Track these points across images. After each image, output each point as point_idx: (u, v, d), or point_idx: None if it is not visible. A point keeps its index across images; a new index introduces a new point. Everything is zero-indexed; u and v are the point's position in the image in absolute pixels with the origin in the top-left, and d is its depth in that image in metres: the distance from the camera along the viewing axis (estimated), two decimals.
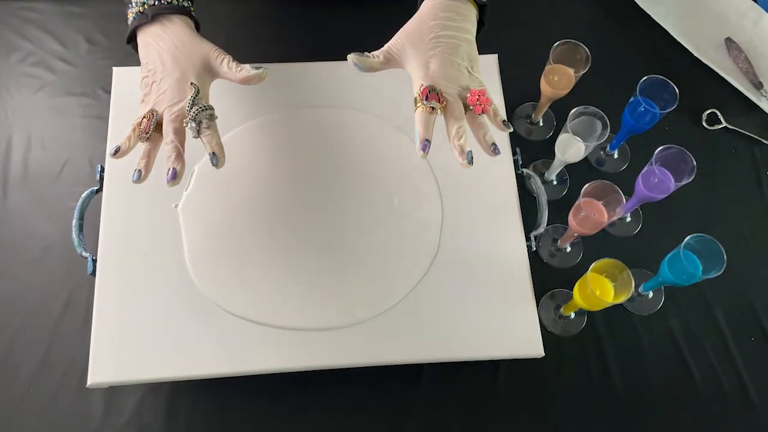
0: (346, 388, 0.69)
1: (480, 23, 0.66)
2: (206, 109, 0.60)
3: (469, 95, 0.60)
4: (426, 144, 0.58)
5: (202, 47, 0.64)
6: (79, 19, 0.88)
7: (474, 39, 0.64)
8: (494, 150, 0.60)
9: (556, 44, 0.72)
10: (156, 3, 0.64)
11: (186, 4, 0.66)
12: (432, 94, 0.59)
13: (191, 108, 0.59)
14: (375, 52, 0.63)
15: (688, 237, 0.62)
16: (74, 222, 0.67)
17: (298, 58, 0.79)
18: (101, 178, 0.70)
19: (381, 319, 0.66)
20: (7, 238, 0.75)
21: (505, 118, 0.62)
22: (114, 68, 0.76)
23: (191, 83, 0.61)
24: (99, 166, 0.71)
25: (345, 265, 0.69)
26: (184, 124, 0.60)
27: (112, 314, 0.65)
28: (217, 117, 0.61)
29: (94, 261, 0.66)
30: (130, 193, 0.70)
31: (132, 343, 0.64)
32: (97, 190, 0.70)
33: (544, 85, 0.75)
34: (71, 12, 0.89)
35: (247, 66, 0.62)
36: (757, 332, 0.75)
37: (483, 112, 0.60)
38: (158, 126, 0.60)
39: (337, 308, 0.66)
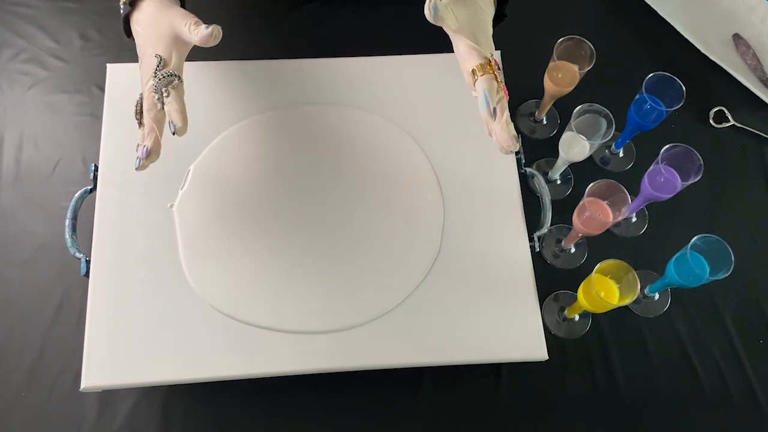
0: (345, 392, 0.69)
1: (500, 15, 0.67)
2: (166, 77, 0.60)
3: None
4: (495, 111, 0.58)
5: (170, 16, 0.63)
6: (73, 15, 0.88)
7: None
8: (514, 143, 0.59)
9: (559, 40, 0.72)
10: None
11: None
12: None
13: (154, 79, 0.60)
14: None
15: (694, 237, 0.62)
16: (67, 222, 0.67)
17: (295, 54, 0.79)
18: (95, 178, 0.70)
19: (381, 322, 0.66)
20: None
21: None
22: (108, 65, 0.76)
23: (155, 55, 0.61)
24: (93, 165, 0.71)
25: (344, 266, 0.68)
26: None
27: (106, 316, 0.65)
28: (180, 81, 0.60)
29: (88, 262, 0.66)
30: (124, 192, 0.70)
31: (126, 346, 0.64)
32: (90, 189, 0.70)
33: (547, 82, 0.75)
34: (65, 8, 0.89)
35: (203, 26, 0.61)
36: (766, 335, 0.75)
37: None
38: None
39: (336, 311, 0.66)
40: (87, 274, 0.66)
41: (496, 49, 0.78)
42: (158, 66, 0.60)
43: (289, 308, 0.66)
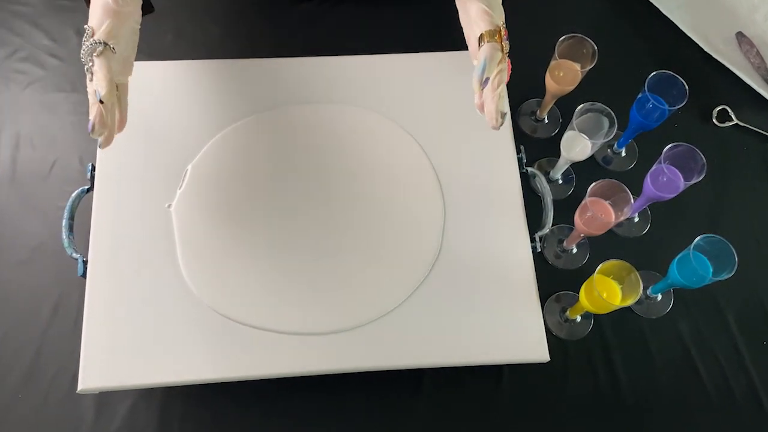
0: (345, 394, 0.69)
1: None
2: (90, 46, 0.57)
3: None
4: (486, 82, 0.58)
5: None
6: (69, 12, 0.88)
7: None
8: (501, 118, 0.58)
9: (561, 39, 0.72)
10: None
11: None
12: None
13: (81, 52, 0.58)
14: None
15: (698, 238, 0.62)
16: (64, 222, 0.67)
17: (294, 53, 0.79)
18: (92, 177, 0.70)
19: (381, 323, 0.66)
20: None
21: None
22: None
23: (85, 26, 0.60)
24: (90, 164, 0.71)
25: (343, 267, 0.68)
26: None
27: (103, 317, 0.65)
28: (107, 48, 0.58)
29: (85, 262, 0.66)
30: (121, 192, 0.70)
31: (124, 348, 0.64)
32: (87, 189, 0.70)
33: (549, 80, 0.75)
34: (61, 5, 0.89)
35: None
36: None
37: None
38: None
39: (334, 312, 0.66)
40: (84, 275, 0.66)
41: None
42: (84, 37, 0.59)
43: (288, 309, 0.66)
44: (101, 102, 0.56)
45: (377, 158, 0.74)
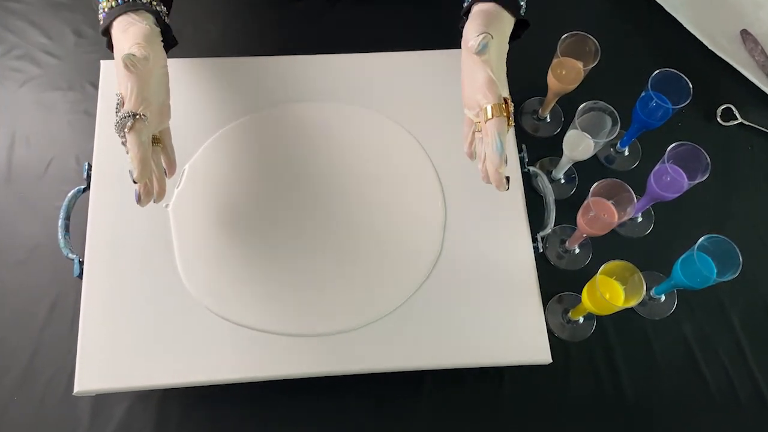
0: (345, 396, 0.69)
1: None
2: (122, 120, 0.57)
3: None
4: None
5: (120, 43, 0.61)
6: (66, 10, 0.88)
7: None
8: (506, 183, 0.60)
9: (563, 36, 0.72)
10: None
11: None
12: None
13: (115, 122, 0.58)
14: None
15: (702, 238, 0.62)
16: (60, 222, 0.67)
17: (293, 51, 0.79)
18: (88, 177, 0.70)
19: (381, 324, 0.66)
20: None
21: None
22: (102, 62, 0.76)
23: (116, 93, 0.59)
24: (86, 164, 0.71)
25: (343, 267, 0.68)
26: None
27: (100, 318, 0.65)
28: (138, 119, 0.57)
29: (81, 263, 0.66)
30: (118, 192, 0.70)
31: (120, 349, 0.64)
32: (84, 188, 0.70)
33: (551, 79, 0.75)
34: (57, 3, 0.89)
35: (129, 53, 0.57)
36: None
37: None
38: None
39: (334, 313, 0.66)
40: (80, 276, 0.66)
41: None
42: (117, 106, 0.58)
43: (287, 310, 0.66)
44: (134, 182, 0.57)
45: (377, 157, 0.74)
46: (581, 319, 0.74)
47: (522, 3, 0.67)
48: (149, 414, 0.68)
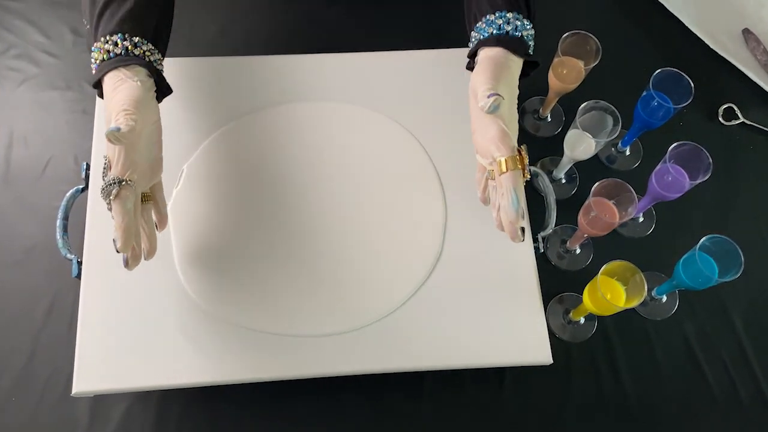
0: (344, 397, 0.69)
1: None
2: (107, 186, 0.55)
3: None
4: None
5: (111, 103, 0.59)
6: (64, 9, 0.88)
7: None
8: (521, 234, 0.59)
9: (564, 35, 0.72)
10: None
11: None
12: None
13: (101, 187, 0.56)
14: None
15: (703, 238, 0.62)
16: (58, 222, 0.67)
17: (292, 50, 0.79)
18: (87, 177, 0.70)
19: (381, 325, 0.66)
20: None
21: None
22: None
23: (103, 156, 0.58)
24: (84, 163, 0.71)
25: (343, 268, 0.68)
26: None
27: (98, 319, 0.65)
28: (124, 186, 0.55)
29: (79, 263, 0.66)
30: None
31: (119, 350, 0.64)
32: (82, 188, 0.70)
33: (552, 78, 0.75)
34: (55, 2, 0.89)
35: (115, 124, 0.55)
36: None
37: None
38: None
39: (334, 313, 0.66)
40: (78, 276, 0.66)
41: None
42: (104, 170, 0.57)
43: (286, 311, 0.66)
44: (117, 251, 0.55)
45: (377, 157, 0.74)
46: (582, 320, 0.74)
47: (531, 42, 0.65)
48: (148, 415, 0.68)
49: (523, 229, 0.59)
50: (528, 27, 0.65)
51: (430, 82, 0.78)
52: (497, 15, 0.64)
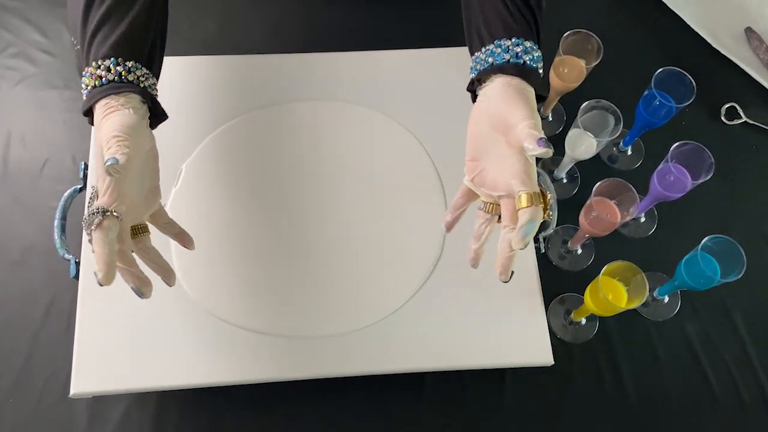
0: (344, 398, 0.69)
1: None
2: (90, 216, 0.52)
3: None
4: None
5: (99, 132, 0.55)
6: (62, 7, 0.88)
7: None
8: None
9: (566, 34, 0.72)
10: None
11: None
12: None
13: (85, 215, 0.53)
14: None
15: (705, 238, 0.62)
16: (56, 222, 0.67)
17: (292, 49, 0.79)
18: (85, 176, 0.70)
19: (381, 326, 0.66)
20: None
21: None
22: None
23: (92, 186, 0.55)
24: (83, 163, 0.71)
25: (342, 268, 0.68)
26: None
27: (97, 320, 0.65)
28: (108, 217, 0.51)
29: (78, 263, 0.66)
30: None
31: (117, 351, 0.64)
32: (80, 188, 0.70)
33: (553, 77, 0.75)
34: (54, 0, 0.89)
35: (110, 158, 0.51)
36: None
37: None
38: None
39: (333, 314, 0.66)
40: (76, 277, 0.66)
41: None
42: (90, 200, 0.55)
43: (286, 312, 0.66)
44: (100, 284, 0.51)
45: (377, 157, 0.74)
46: (583, 321, 0.74)
47: (541, 71, 0.61)
48: (147, 416, 0.68)
49: (512, 273, 0.57)
50: (540, 60, 0.60)
51: (431, 82, 0.78)
52: (513, 41, 0.59)
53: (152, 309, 0.65)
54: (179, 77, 0.76)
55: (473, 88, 0.63)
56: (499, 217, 0.58)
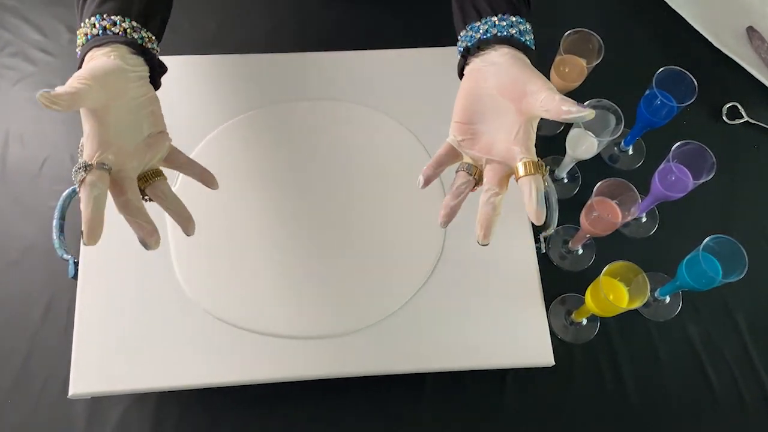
0: (344, 399, 0.69)
1: None
2: (76, 171, 0.49)
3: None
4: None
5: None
6: (60, 6, 0.88)
7: None
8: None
9: (566, 33, 0.72)
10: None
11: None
12: None
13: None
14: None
15: (707, 238, 0.62)
16: (55, 222, 0.67)
17: (290, 48, 0.79)
18: None
19: (381, 326, 0.66)
20: None
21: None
22: None
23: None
24: None
25: (343, 268, 0.68)
26: None
27: (95, 320, 0.65)
28: (91, 173, 0.49)
29: (76, 264, 0.66)
30: None
31: (116, 351, 0.64)
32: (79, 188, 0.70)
33: (554, 77, 0.75)
34: None
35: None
36: None
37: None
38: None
39: (333, 315, 0.66)
40: (75, 277, 0.66)
41: None
42: (78, 152, 0.52)
43: (286, 312, 0.66)
44: (85, 244, 0.49)
45: (377, 156, 0.74)
46: (584, 321, 0.74)
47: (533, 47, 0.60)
48: (146, 417, 0.68)
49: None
50: (533, 45, 0.60)
51: (431, 81, 0.77)
52: (516, 19, 0.59)
53: (151, 309, 0.65)
54: (178, 76, 0.76)
55: (466, 55, 0.61)
56: (477, 182, 0.57)
